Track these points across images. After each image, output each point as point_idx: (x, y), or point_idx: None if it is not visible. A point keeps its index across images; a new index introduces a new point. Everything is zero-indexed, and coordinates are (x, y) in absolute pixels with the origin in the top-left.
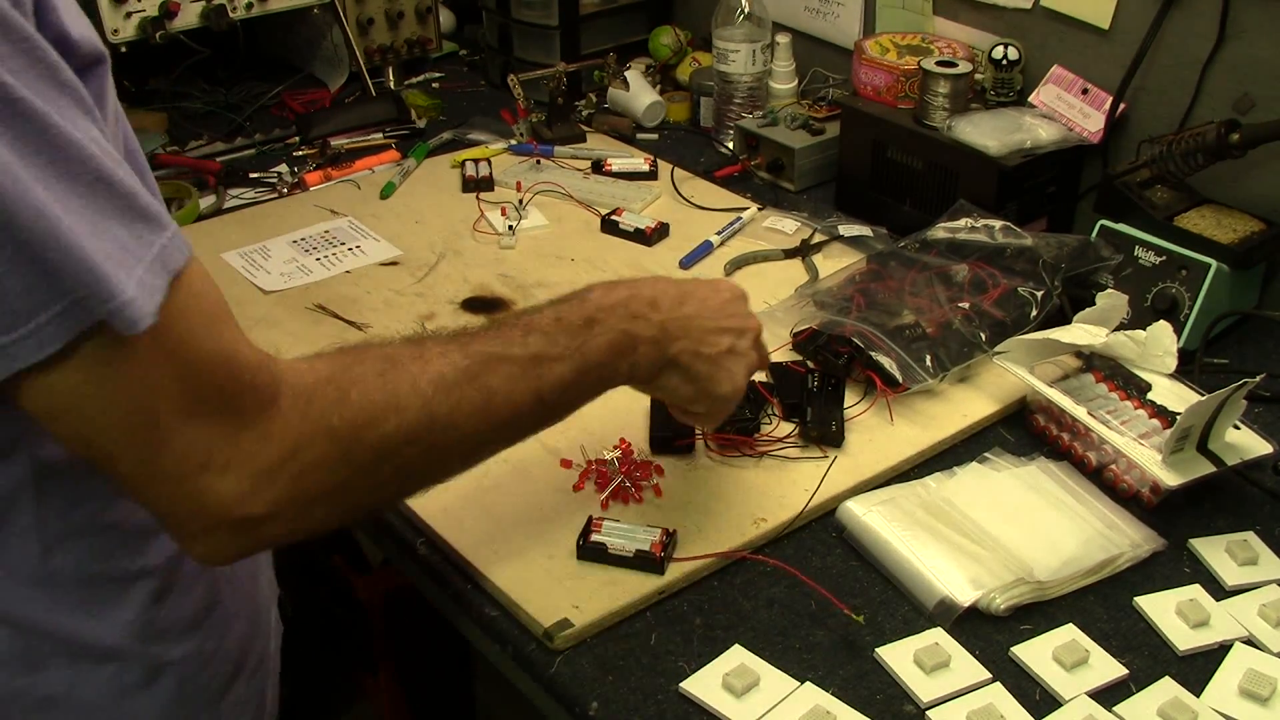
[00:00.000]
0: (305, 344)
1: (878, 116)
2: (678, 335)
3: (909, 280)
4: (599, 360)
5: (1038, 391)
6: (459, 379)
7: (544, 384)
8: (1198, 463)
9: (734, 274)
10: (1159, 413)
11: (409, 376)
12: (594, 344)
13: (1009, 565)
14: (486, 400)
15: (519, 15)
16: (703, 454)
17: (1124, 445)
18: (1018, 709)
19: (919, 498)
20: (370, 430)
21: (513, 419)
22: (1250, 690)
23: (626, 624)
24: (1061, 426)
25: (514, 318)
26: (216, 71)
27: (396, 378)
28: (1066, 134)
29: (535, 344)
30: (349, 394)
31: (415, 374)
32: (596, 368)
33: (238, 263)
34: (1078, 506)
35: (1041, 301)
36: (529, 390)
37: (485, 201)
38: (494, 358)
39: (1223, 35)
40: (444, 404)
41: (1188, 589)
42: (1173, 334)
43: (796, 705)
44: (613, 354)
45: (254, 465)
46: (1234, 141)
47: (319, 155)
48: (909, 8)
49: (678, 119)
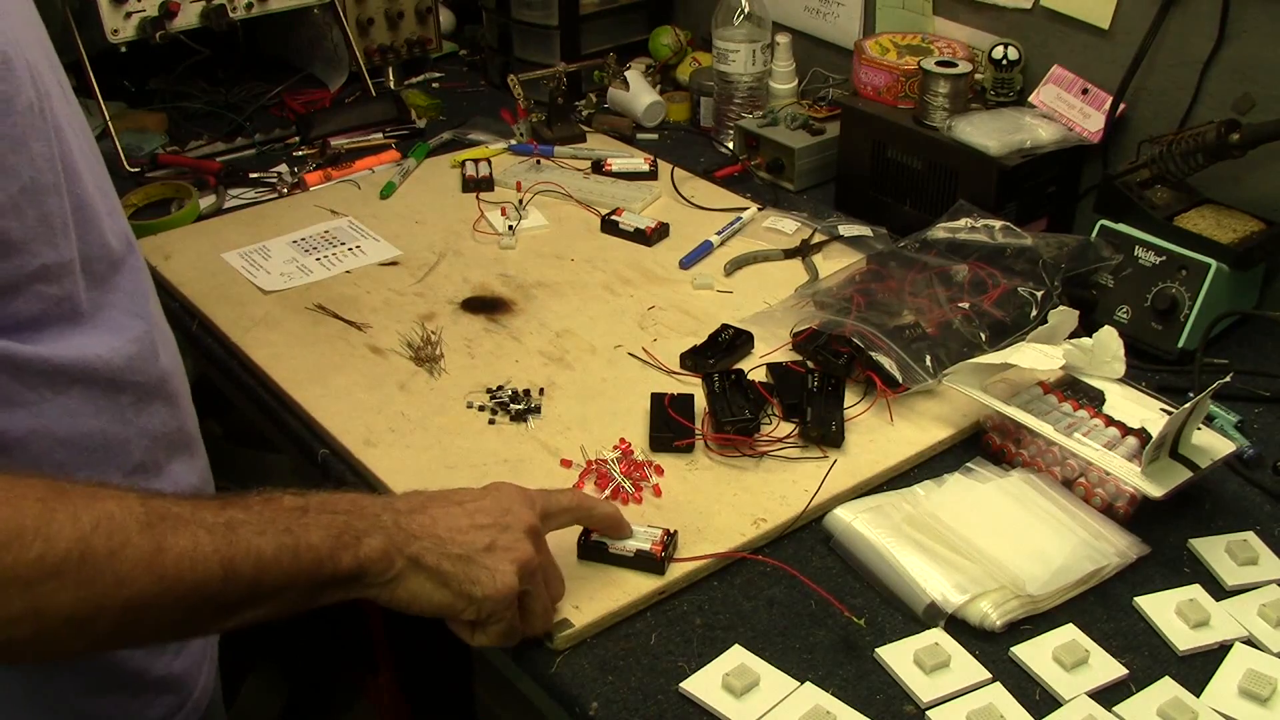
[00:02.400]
0: (305, 344)
1: (878, 116)
2: (416, 534)
3: (909, 280)
4: (310, 543)
5: (997, 411)
6: (128, 523)
7: (234, 552)
8: (1174, 470)
9: (734, 274)
10: (1114, 421)
11: (71, 507)
12: (305, 527)
13: (996, 577)
14: (157, 552)
15: (519, 15)
16: (703, 454)
17: (1100, 460)
18: (1018, 709)
19: (906, 510)
20: (7, 553)
21: (195, 587)
22: (1250, 690)
23: (626, 624)
24: (1020, 444)
25: (219, 495)
26: (216, 71)
27: (56, 505)
28: (1066, 134)
29: (230, 514)
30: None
31: (79, 506)
32: (309, 552)
33: (238, 263)
34: (1062, 516)
35: (1041, 301)
36: (216, 556)
37: (485, 201)
38: (176, 515)
39: (1223, 35)
40: (103, 546)
41: (1188, 589)
42: (1119, 339)
43: (796, 705)
44: (330, 541)
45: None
46: (1234, 141)
47: (319, 155)
48: (909, 8)
49: (678, 119)
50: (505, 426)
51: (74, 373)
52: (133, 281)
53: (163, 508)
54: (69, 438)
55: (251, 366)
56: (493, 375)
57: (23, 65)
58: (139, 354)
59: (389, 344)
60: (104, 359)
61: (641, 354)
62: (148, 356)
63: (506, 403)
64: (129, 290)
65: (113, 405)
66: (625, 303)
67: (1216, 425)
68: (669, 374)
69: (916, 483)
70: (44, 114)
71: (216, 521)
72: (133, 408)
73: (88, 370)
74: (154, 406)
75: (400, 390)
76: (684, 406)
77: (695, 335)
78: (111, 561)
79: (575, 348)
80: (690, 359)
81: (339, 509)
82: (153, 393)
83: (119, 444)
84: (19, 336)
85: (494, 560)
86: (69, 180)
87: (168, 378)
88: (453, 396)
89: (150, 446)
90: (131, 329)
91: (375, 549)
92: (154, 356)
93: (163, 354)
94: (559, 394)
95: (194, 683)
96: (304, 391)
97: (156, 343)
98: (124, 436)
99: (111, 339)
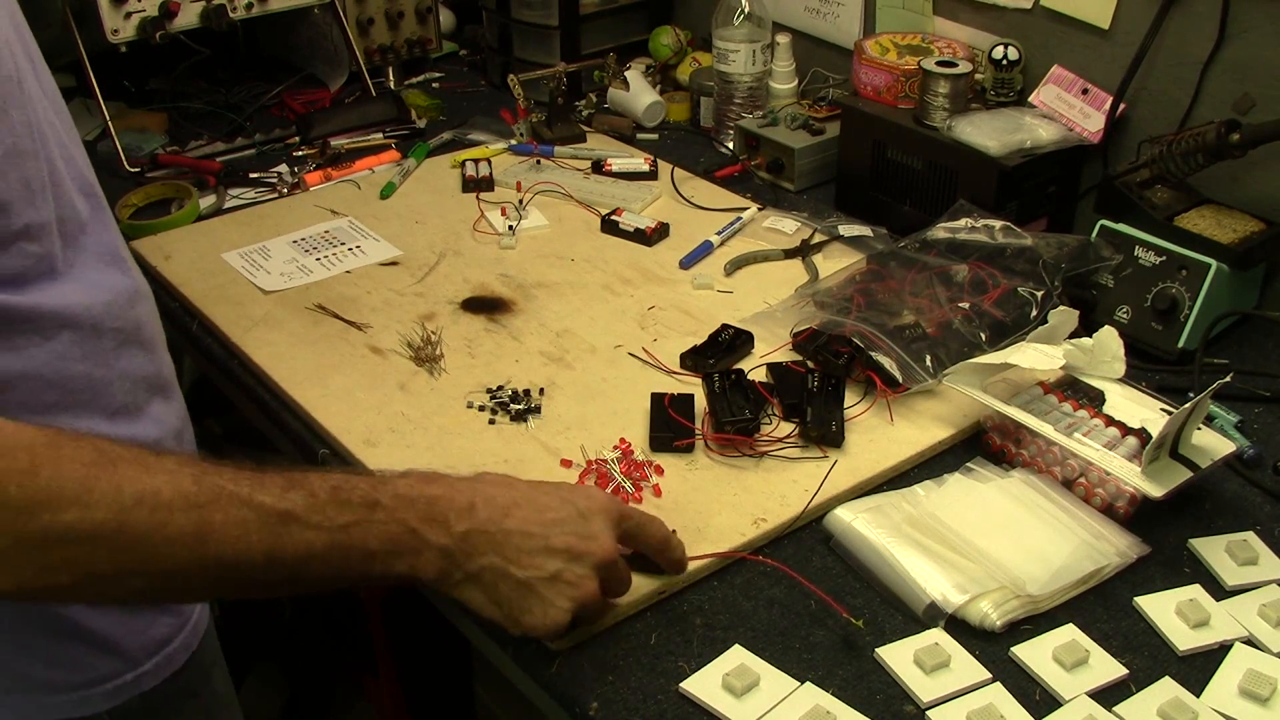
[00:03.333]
0: (305, 344)
1: (878, 116)
2: (483, 549)
3: (909, 280)
4: (366, 548)
5: (997, 411)
6: (174, 502)
7: (282, 544)
8: (1174, 470)
9: (734, 274)
10: (1114, 421)
11: (115, 479)
12: (366, 530)
13: (996, 577)
14: (200, 534)
15: (519, 15)
16: (703, 454)
17: (1101, 460)
18: (1018, 709)
19: (906, 510)
20: (45, 512)
21: (235, 566)
22: (1250, 690)
23: (626, 624)
24: (1020, 444)
25: (295, 469)
26: (216, 71)
27: (100, 474)
28: (1066, 134)
29: (291, 500)
30: (40, 469)
31: (124, 479)
32: (361, 555)
33: (238, 263)
34: (1063, 516)
35: (1041, 301)
36: (261, 545)
37: (485, 201)
38: (230, 496)
39: (1223, 35)
40: (143, 521)
41: (1188, 589)
42: (1119, 339)
43: (796, 705)
44: (388, 548)
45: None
46: (1234, 141)
47: (319, 155)
48: (909, 8)
49: (678, 119)
50: (505, 426)
51: (61, 319)
52: (102, 236)
53: (216, 487)
54: (57, 380)
55: (251, 366)
56: (493, 375)
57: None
58: (114, 301)
59: (389, 344)
60: (85, 306)
61: (641, 354)
62: (123, 304)
63: (506, 403)
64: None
65: (96, 350)
66: (625, 303)
67: (1216, 425)
68: (669, 374)
69: (916, 483)
70: (20, 84)
71: (273, 508)
72: (113, 353)
73: (72, 318)
74: (131, 351)
75: (400, 390)
76: (684, 406)
77: (695, 335)
78: (150, 536)
79: (575, 348)
80: (690, 359)
81: (412, 512)
82: (130, 339)
83: (103, 385)
84: (7, 290)
85: (554, 593)
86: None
87: (142, 324)
88: (453, 396)
89: (131, 389)
90: (106, 280)
91: (431, 564)
92: (129, 304)
93: (138, 303)
94: (559, 394)
95: (192, 606)
96: (304, 391)
97: (131, 291)
98: (107, 379)
99: (89, 289)
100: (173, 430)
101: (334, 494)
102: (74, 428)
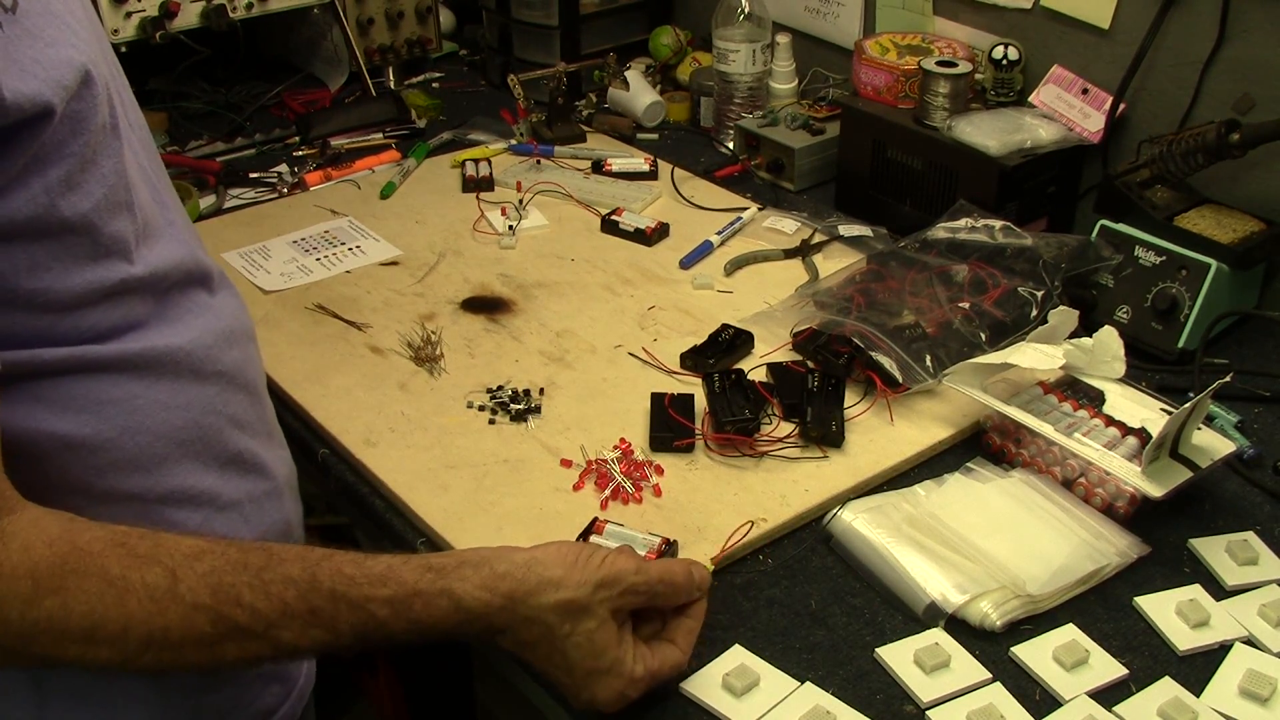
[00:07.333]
0: (305, 344)
1: (878, 116)
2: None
3: (909, 280)
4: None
5: (997, 411)
6: (184, 640)
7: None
8: (1174, 470)
9: (734, 274)
10: (1114, 421)
11: (123, 617)
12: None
13: (996, 577)
14: (210, 664)
15: (519, 15)
16: (703, 454)
17: (1101, 460)
18: (1018, 709)
19: (906, 510)
20: (46, 639)
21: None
22: (1250, 690)
23: None
24: (1020, 444)
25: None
26: (216, 71)
27: (108, 610)
28: (1066, 134)
29: (312, 638)
30: (42, 600)
31: (132, 618)
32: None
33: (238, 263)
34: (1063, 516)
35: (1041, 301)
36: (271, 660)
37: (485, 201)
38: (247, 632)
39: (1223, 35)
40: (150, 661)
41: (1188, 589)
42: (1119, 339)
43: (796, 705)
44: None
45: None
46: (1234, 141)
47: (319, 155)
48: (909, 8)
49: (678, 119)
50: (505, 426)
51: (160, 367)
52: (193, 272)
53: (231, 624)
54: (164, 432)
55: None
56: (493, 375)
57: (101, 84)
58: (215, 345)
59: (389, 344)
60: (185, 350)
61: (641, 354)
62: (223, 347)
63: (506, 402)
64: (190, 281)
65: (200, 396)
66: (625, 303)
67: (1216, 425)
68: (669, 374)
69: (917, 483)
70: (116, 130)
71: (290, 645)
72: (219, 398)
73: (172, 362)
74: (238, 397)
75: (400, 390)
76: (684, 406)
77: (695, 335)
78: (157, 668)
79: (575, 348)
80: (690, 359)
81: None
82: (233, 383)
83: (213, 433)
84: (109, 341)
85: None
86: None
87: (244, 367)
88: (453, 396)
89: (239, 435)
90: (201, 324)
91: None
92: (227, 347)
93: (236, 346)
94: (559, 394)
95: (299, 670)
96: (304, 391)
97: (230, 334)
98: (216, 426)
99: (186, 333)
100: (284, 478)
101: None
102: (184, 486)
